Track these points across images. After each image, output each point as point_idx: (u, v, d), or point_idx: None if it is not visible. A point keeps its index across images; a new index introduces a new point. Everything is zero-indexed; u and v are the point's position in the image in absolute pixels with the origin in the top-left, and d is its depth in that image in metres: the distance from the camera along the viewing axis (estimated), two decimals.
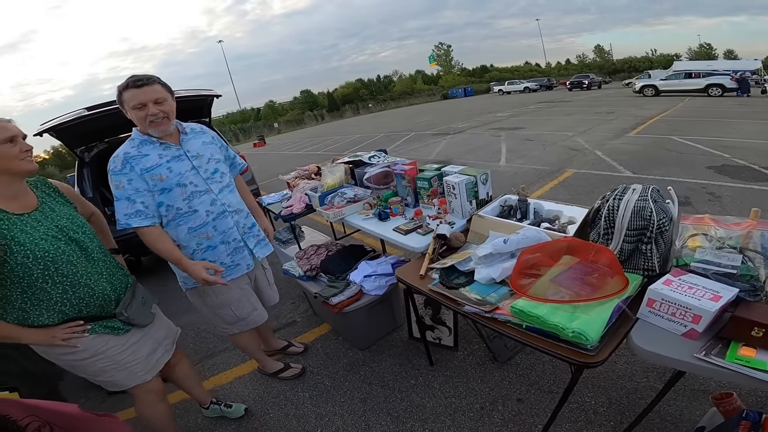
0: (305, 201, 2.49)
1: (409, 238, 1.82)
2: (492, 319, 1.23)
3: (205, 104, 4.29)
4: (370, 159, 2.59)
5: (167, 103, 1.48)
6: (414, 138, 11.73)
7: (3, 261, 1.12)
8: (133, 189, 1.44)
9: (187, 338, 2.75)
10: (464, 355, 2.07)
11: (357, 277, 1.99)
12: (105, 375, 1.39)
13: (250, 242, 1.74)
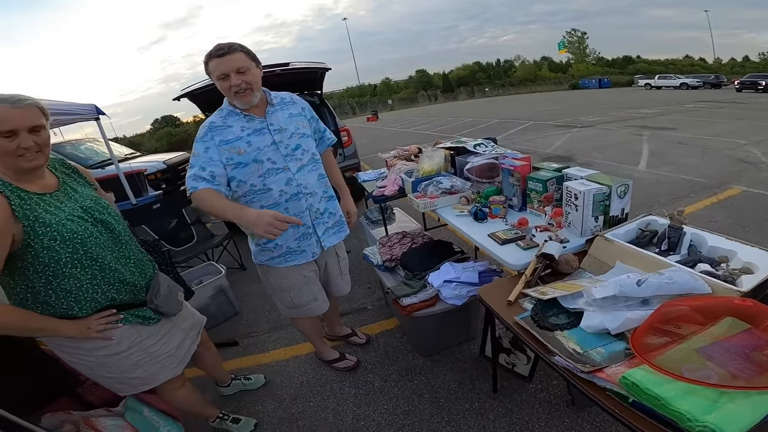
0: (399, 184, 2.32)
1: (505, 250, 1.49)
2: (587, 382, 0.90)
3: (317, 77, 4.38)
4: (475, 147, 2.27)
5: (250, 72, 1.39)
6: (532, 128, 10.67)
7: (26, 246, 1.05)
8: (207, 158, 1.40)
9: (262, 306, 2.87)
10: (536, 389, 1.74)
11: (436, 281, 1.76)
12: (138, 370, 1.33)
13: (319, 229, 1.62)
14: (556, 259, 1.32)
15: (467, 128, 12.02)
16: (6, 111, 1.01)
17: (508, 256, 1.45)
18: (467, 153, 2.28)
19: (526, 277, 1.32)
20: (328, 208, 1.65)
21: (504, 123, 12.40)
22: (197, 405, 1.69)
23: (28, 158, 1.06)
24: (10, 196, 1.03)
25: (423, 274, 1.86)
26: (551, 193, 1.69)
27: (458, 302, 1.71)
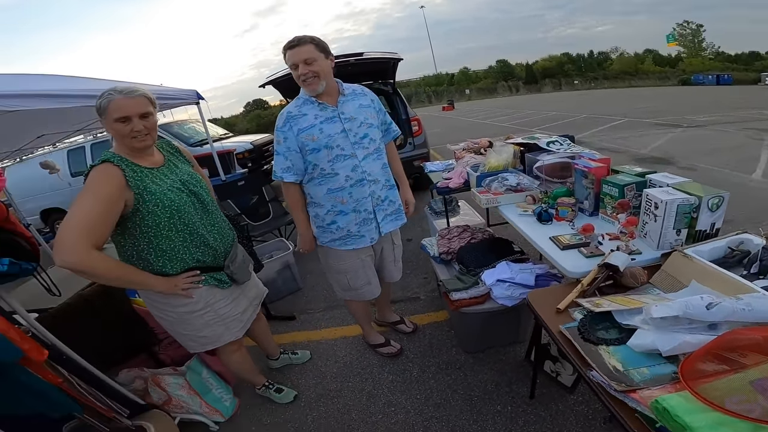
0: (464, 177, 2.29)
1: (564, 256, 1.41)
2: (617, 401, 0.85)
3: (390, 66, 4.43)
4: (548, 144, 2.16)
5: (317, 63, 1.49)
6: (626, 125, 9.63)
7: (135, 210, 1.26)
8: (286, 147, 1.58)
9: (322, 285, 3.03)
10: (576, 402, 1.66)
11: (489, 279, 1.73)
12: (207, 329, 1.52)
13: (379, 215, 1.71)
14: (621, 271, 1.23)
15: (548, 123, 11.21)
16: (121, 101, 1.24)
17: (567, 262, 1.38)
18: (539, 150, 2.18)
19: (582, 286, 1.25)
20: (388, 195, 1.73)
21: (593, 119, 11.35)
22: (248, 370, 1.87)
23: (139, 139, 1.28)
24: (125, 169, 1.25)
25: (477, 271, 1.84)
26: (628, 200, 1.56)
27: (508, 303, 1.68)
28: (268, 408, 1.92)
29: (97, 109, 1.26)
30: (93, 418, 1.47)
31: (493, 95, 38.67)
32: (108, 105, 1.23)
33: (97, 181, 1.21)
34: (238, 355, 1.76)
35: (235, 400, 1.96)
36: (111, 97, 1.23)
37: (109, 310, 1.74)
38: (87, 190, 1.19)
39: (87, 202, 1.17)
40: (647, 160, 5.64)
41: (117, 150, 1.31)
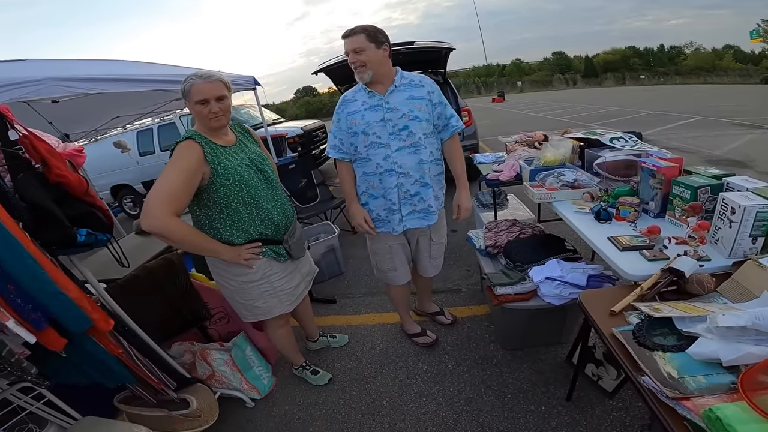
0: (516, 170, 2.23)
1: (624, 257, 1.33)
2: (667, 408, 0.82)
3: (441, 56, 4.39)
4: (611, 141, 2.04)
5: (365, 53, 1.54)
6: (699, 124, 8.80)
7: (210, 183, 1.38)
8: (337, 127, 1.68)
9: (364, 270, 3.07)
10: (614, 407, 1.59)
11: (537, 276, 1.67)
12: (261, 300, 1.63)
13: (404, 208, 1.72)
14: (686, 277, 1.15)
15: (609, 118, 10.51)
16: (201, 85, 1.36)
17: (626, 264, 1.30)
18: (601, 146, 2.06)
19: (642, 290, 1.18)
20: (419, 192, 1.70)
21: (661, 116, 10.48)
22: (290, 348, 1.96)
23: (216, 120, 1.40)
24: (204, 145, 1.38)
25: (525, 267, 1.79)
26: (700, 203, 1.44)
27: (556, 302, 1.62)
28: (303, 388, 1.99)
29: (182, 92, 1.40)
30: (143, 390, 1.58)
31: (548, 88, 36.90)
32: (190, 89, 1.37)
33: (180, 155, 1.35)
34: (283, 331, 1.85)
35: (273, 378, 2.05)
36: (192, 82, 1.36)
37: (170, 283, 1.85)
38: (172, 163, 1.34)
39: (171, 173, 1.31)
40: (722, 162, 5.15)
41: (197, 128, 1.44)
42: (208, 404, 1.70)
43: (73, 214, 1.34)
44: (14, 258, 1.10)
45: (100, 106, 3.25)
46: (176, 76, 2.68)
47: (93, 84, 2.11)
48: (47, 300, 1.15)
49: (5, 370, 1.11)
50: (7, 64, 2.13)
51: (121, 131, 5.97)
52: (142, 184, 6.39)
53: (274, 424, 1.81)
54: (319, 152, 6.54)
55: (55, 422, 1.47)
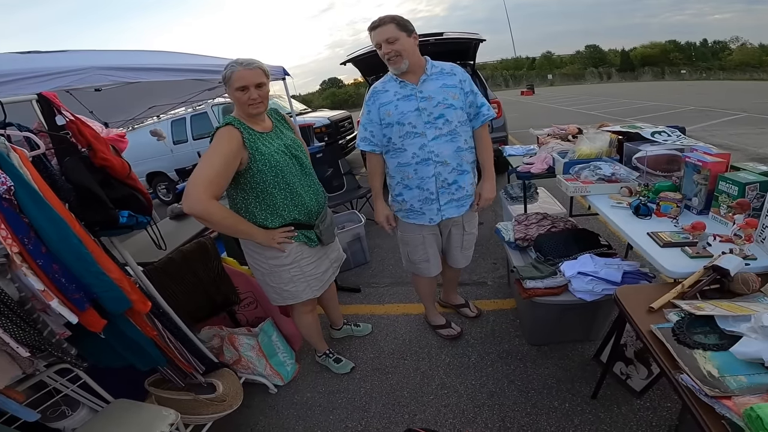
0: (549, 162, 2.18)
1: (665, 254, 1.28)
2: (705, 407, 0.82)
3: (471, 47, 4.33)
4: (653, 135, 1.95)
5: (399, 42, 1.52)
6: (744, 120, 8.30)
7: (248, 168, 1.42)
8: (368, 119, 1.65)
9: (389, 260, 3.08)
10: (641, 407, 1.54)
11: (569, 270, 1.63)
12: (291, 284, 1.65)
13: (442, 198, 1.69)
14: (731, 276, 1.11)
15: (646, 113, 10.05)
16: (242, 72, 1.40)
17: (667, 261, 1.25)
18: (641, 140, 1.98)
19: (683, 287, 1.14)
20: (457, 180, 1.68)
21: (703, 112, 9.95)
22: (315, 334, 1.98)
23: (254, 106, 1.44)
24: (243, 131, 1.41)
25: (556, 261, 1.75)
26: (748, 201, 1.36)
27: (588, 298, 1.57)
28: (325, 376, 2.01)
29: (223, 78, 1.44)
30: (173, 373, 1.61)
31: (580, 82, 35.64)
32: (231, 75, 1.40)
33: (220, 140, 1.38)
34: (310, 317, 1.88)
35: (296, 365, 2.08)
36: (234, 69, 1.40)
37: (203, 267, 1.89)
38: (212, 148, 1.38)
39: (212, 158, 1.35)
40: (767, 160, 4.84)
41: (236, 114, 1.48)
42: (233, 389, 1.73)
43: (115, 196, 1.39)
44: (60, 237, 1.13)
45: (138, 96, 3.37)
46: (210, 66, 2.74)
47: (134, 73, 2.18)
48: (90, 280, 1.18)
49: (46, 350, 1.12)
50: (51, 55, 2.23)
51: (156, 121, 6.19)
52: (175, 171, 6.62)
53: (295, 411, 1.84)
54: (346, 142, 6.59)
55: (86, 405, 1.51)
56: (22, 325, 1.04)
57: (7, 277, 1.08)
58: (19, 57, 2.02)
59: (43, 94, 1.38)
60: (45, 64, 1.80)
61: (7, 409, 1.12)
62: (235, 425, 1.79)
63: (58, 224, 1.13)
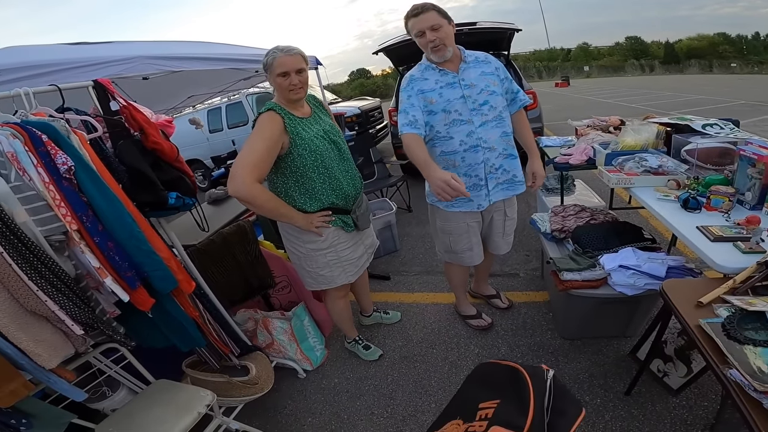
0: (588, 154, 2.11)
1: (716, 248, 1.23)
2: (753, 402, 0.83)
3: (505, 37, 4.24)
4: (704, 127, 1.85)
5: (443, 29, 1.51)
6: None
7: (288, 152, 1.45)
8: (409, 104, 1.60)
9: (419, 248, 3.08)
10: (677, 405, 1.49)
11: (610, 263, 1.58)
12: (326, 269, 1.67)
13: (490, 183, 1.66)
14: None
15: (692, 107, 9.48)
16: (283, 58, 1.43)
17: (719, 255, 1.20)
18: (691, 132, 1.89)
19: (733, 283, 1.10)
20: (503, 165, 1.68)
21: (755, 106, 9.28)
22: (346, 320, 2.00)
23: (295, 92, 1.47)
24: (284, 116, 1.45)
25: (595, 253, 1.70)
26: None
27: (628, 292, 1.52)
28: (353, 363, 2.04)
29: (264, 65, 1.48)
30: (209, 355, 1.66)
31: (619, 74, 34.03)
32: (273, 61, 1.44)
33: (263, 125, 1.42)
34: (342, 303, 1.91)
35: (325, 351, 2.11)
36: (275, 55, 1.44)
37: (241, 250, 1.93)
38: (255, 133, 1.42)
39: (255, 142, 1.40)
40: None
41: (277, 101, 1.52)
42: (265, 372, 1.75)
43: (164, 178, 1.46)
44: (116, 216, 1.19)
45: (178, 85, 3.49)
46: (247, 55, 2.81)
47: (178, 62, 2.27)
48: (141, 258, 1.23)
49: (98, 328, 1.14)
50: (97, 45, 2.34)
51: (192, 110, 6.42)
52: (211, 159, 6.85)
53: (322, 396, 1.86)
54: (376, 131, 6.63)
55: (126, 385, 1.56)
56: (77, 302, 1.09)
57: (65, 255, 1.13)
58: (70, 47, 2.13)
59: (99, 80, 1.45)
60: (95, 53, 1.90)
61: (57, 388, 1.13)
62: (263, 408, 1.83)
63: (113, 203, 1.19)
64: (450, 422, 0.75)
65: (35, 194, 1.06)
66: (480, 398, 0.74)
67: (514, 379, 0.77)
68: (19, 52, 1.86)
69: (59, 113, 1.28)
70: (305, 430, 1.71)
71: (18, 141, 1.04)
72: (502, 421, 0.63)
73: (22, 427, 1.10)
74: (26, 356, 1.03)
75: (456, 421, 0.74)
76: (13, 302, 1.01)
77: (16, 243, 0.99)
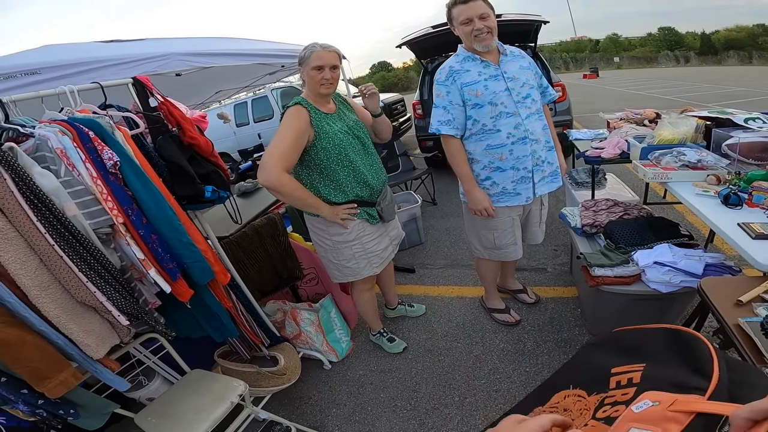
0: (622, 147, 2.06)
1: (757, 246, 1.18)
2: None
3: (533, 29, 4.19)
4: (746, 121, 1.78)
5: (490, 18, 1.51)
6: None
7: (313, 145, 1.49)
8: (448, 101, 1.59)
9: (444, 242, 3.06)
10: None
11: (644, 259, 1.53)
12: (352, 261, 1.70)
13: (536, 175, 1.65)
14: None
15: (732, 99, 9.01)
16: (321, 52, 1.47)
17: (760, 253, 1.15)
18: (732, 126, 1.82)
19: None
20: (547, 158, 1.68)
21: None
22: (372, 312, 2.02)
23: (326, 86, 1.50)
24: (310, 110, 1.49)
25: (629, 249, 1.65)
26: None
27: (663, 289, 1.48)
28: (377, 355, 2.06)
29: (301, 59, 1.51)
30: (241, 345, 1.71)
31: (651, 65, 32.63)
32: (311, 54, 1.48)
33: (290, 118, 1.46)
34: (368, 295, 1.94)
35: (350, 343, 2.14)
36: (314, 49, 1.48)
37: (272, 242, 1.97)
38: (283, 125, 1.46)
39: (284, 133, 1.44)
40: None
41: (305, 95, 1.55)
42: (293, 363, 1.78)
43: (201, 172, 1.50)
44: (158, 209, 1.23)
45: (208, 81, 3.58)
46: (274, 50, 2.86)
47: (208, 58, 2.33)
48: (181, 250, 1.26)
49: (142, 318, 1.17)
50: (131, 43, 2.41)
51: (219, 105, 6.57)
52: (238, 153, 7.01)
53: (347, 387, 1.89)
54: (399, 124, 6.65)
55: (162, 375, 1.60)
56: (123, 293, 1.13)
57: (110, 247, 1.18)
58: (105, 45, 2.19)
59: (138, 77, 1.50)
60: (130, 51, 1.97)
61: (102, 378, 1.16)
62: (289, 398, 1.87)
63: (156, 197, 1.24)
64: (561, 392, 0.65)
65: (84, 189, 1.10)
66: (611, 364, 0.64)
67: (673, 340, 0.66)
68: (58, 51, 1.95)
69: (102, 110, 1.34)
70: (330, 420, 1.74)
71: (67, 137, 1.09)
72: (663, 384, 0.52)
73: (70, 417, 1.14)
74: (76, 346, 1.07)
75: (569, 391, 0.64)
76: (64, 294, 1.05)
77: (67, 236, 1.03)
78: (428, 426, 1.63)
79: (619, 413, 0.51)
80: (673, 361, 0.61)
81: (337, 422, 1.73)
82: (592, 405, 0.58)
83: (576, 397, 0.62)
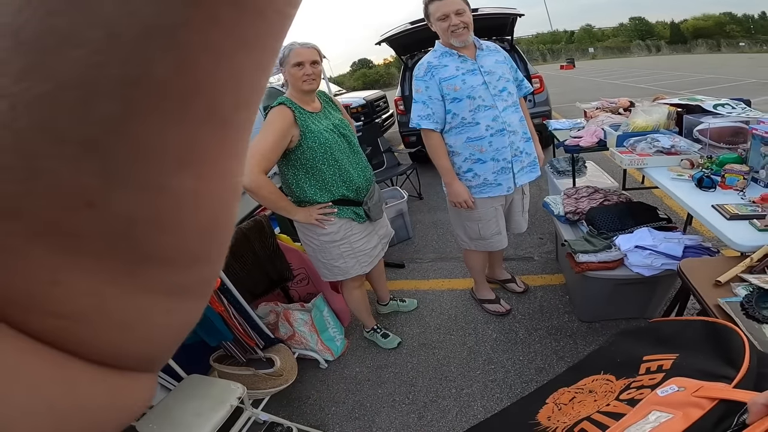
0: (599, 136, 2.13)
1: (732, 227, 1.24)
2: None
3: (508, 22, 4.25)
4: (715, 107, 1.86)
5: (466, 14, 1.55)
6: None
7: (298, 145, 1.49)
8: (427, 96, 1.62)
9: (431, 235, 3.08)
10: None
11: (625, 244, 1.59)
12: (341, 260, 1.70)
13: (516, 166, 1.69)
14: None
15: (703, 86, 9.34)
16: (299, 50, 1.47)
17: (735, 234, 1.21)
18: (702, 112, 1.89)
19: (751, 261, 1.12)
20: (525, 148, 1.72)
21: (766, 85, 9.13)
22: (364, 309, 2.03)
23: (308, 82, 1.49)
24: (294, 110, 1.48)
25: (610, 234, 1.71)
26: None
27: (645, 272, 1.54)
28: (373, 351, 2.06)
29: (281, 59, 1.50)
30: (235, 349, 1.69)
31: (625, 55, 33.51)
32: (290, 53, 1.47)
33: (273, 118, 1.46)
34: (358, 293, 1.94)
35: (345, 341, 2.13)
36: (292, 47, 1.48)
37: (260, 244, 1.95)
38: (266, 125, 1.46)
39: (265, 134, 1.44)
40: None
41: (289, 95, 1.54)
42: (289, 364, 1.78)
43: None
44: None
45: None
46: None
47: None
48: None
49: None
50: None
51: None
52: None
53: (345, 385, 1.89)
54: (382, 121, 6.67)
55: (159, 382, 1.58)
56: None
57: None
58: None
59: None
60: None
61: None
62: (288, 399, 1.86)
63: None
64: (590, 377, 0.67)
65: None
66: (643, 352, 0.65)
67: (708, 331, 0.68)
68: None
69: None
70: (330, 419, 1.74)
71: None
72: (692, 371, 0.53)
73: None
74: None
75: (599, 376, 0.66)
76: None
77: None
78: (427, 419, 1.64)
79: (643, 396, 0.53)
80: (705, 351, 0.63)
81: (338, 420, 1.73)
82: (618, 388, 0.60)
83: (604, 380, 0.65)
